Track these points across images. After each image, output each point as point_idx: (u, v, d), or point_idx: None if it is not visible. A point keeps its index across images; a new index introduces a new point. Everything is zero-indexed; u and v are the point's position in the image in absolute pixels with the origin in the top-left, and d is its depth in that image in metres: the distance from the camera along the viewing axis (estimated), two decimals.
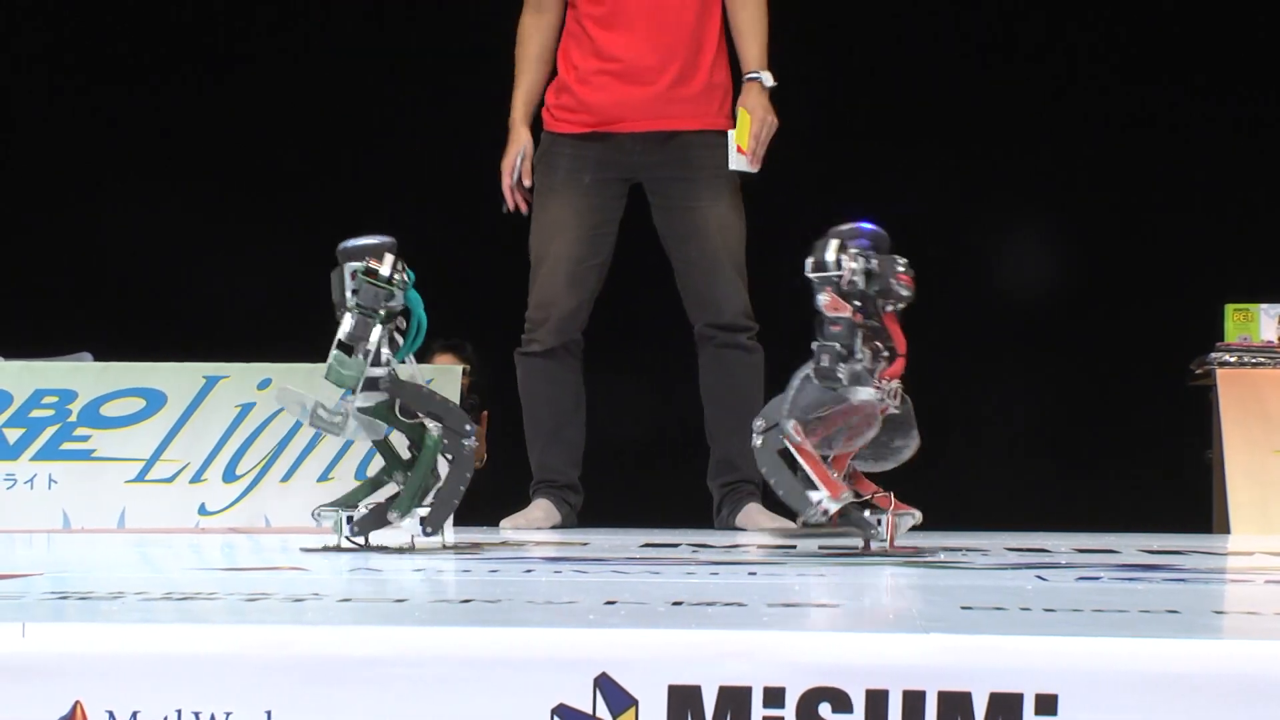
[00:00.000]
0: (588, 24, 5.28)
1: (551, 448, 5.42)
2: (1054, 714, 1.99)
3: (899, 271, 3.69)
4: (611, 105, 5.26)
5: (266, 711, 2.03)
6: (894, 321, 3.72)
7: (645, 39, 5.24)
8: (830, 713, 2.00)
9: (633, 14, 5.23)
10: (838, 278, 3.67)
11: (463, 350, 6.87)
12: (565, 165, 5.32)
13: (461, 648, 2.07)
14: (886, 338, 3.71)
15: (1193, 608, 2.65)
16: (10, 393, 5.96)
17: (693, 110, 5.25)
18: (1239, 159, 7.24)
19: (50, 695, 2.03)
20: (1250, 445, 5.93)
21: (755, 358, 5.31)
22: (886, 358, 3.70)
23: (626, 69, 5.25)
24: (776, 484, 3.64)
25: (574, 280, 5.31)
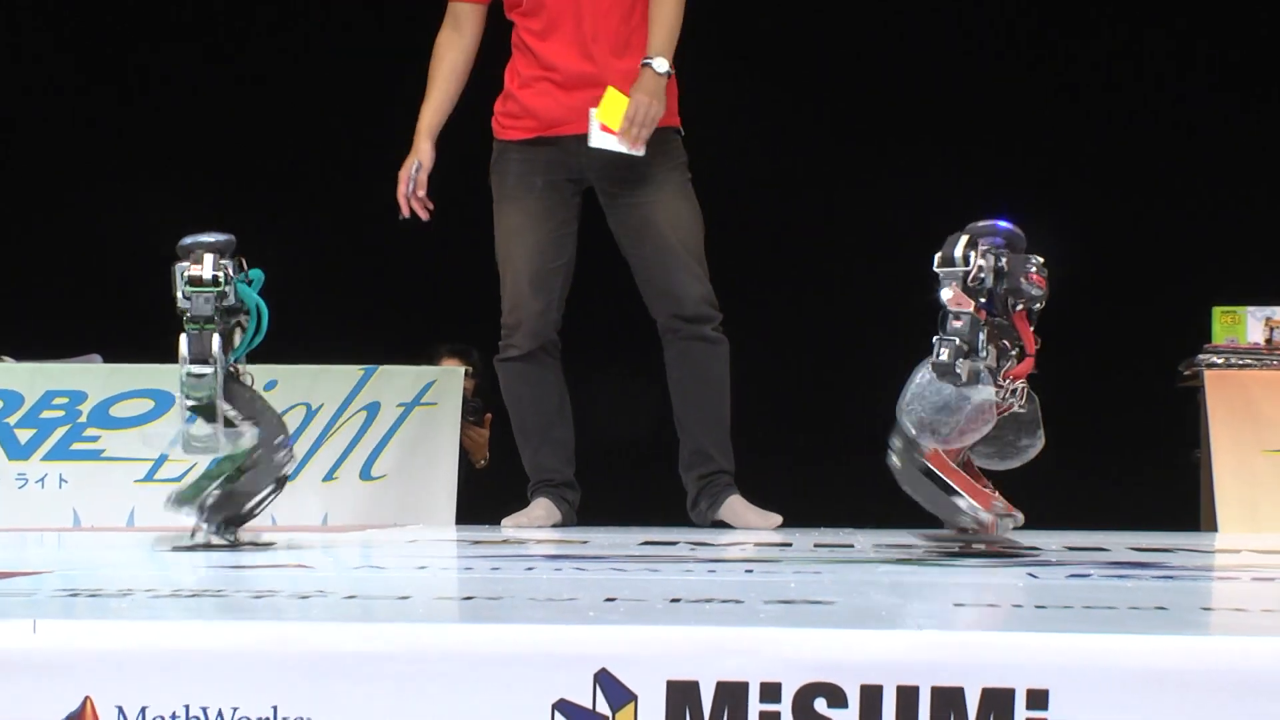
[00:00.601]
0: (526, 36, 5.32)
1: (543, 448, 5.42)
2: (1045, 709, 1.99)
3: (1030, 271, 3.64)
4: (553, 109, 5.27)
5: (273, 706, 2.03)
6: (1023, 321, 3.68)
7: (578, 46, 5.25)
8: (826, 708, 2.00)
9: (565, 24, 5.25)
10: (964, 273, 3.60)
11: (468, 355, 6.88)
12: (515, 170, 5.35)
13: (464, 644, 2.07)
14: (1015, 336, 3.67)
15: (1181, 605, 2.65)
16: (21, 394, 5.96)
17: None
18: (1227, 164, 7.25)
19: (61, 691, 2.03)
20: (1237, 445, 5.93)
21: (721, 348, 5.31)
22: (1015, 356, 3.66)
23: (565, 77, 5.26)
24: (924, 500, 3.59)
25: (538, 284, 5.32)
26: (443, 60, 5.44)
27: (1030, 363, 3.68)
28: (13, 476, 5.94)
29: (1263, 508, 5.86)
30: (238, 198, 7.25)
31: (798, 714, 2.00)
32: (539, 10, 5.28)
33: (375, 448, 5.92)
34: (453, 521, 5.92)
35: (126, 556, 4.02)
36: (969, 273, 3.60)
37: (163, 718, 2.03)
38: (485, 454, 7.02)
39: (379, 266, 7.54)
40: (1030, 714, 1.99)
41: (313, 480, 5.89)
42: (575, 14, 5.24)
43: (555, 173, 5.31)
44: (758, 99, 7.22)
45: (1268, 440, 5.94)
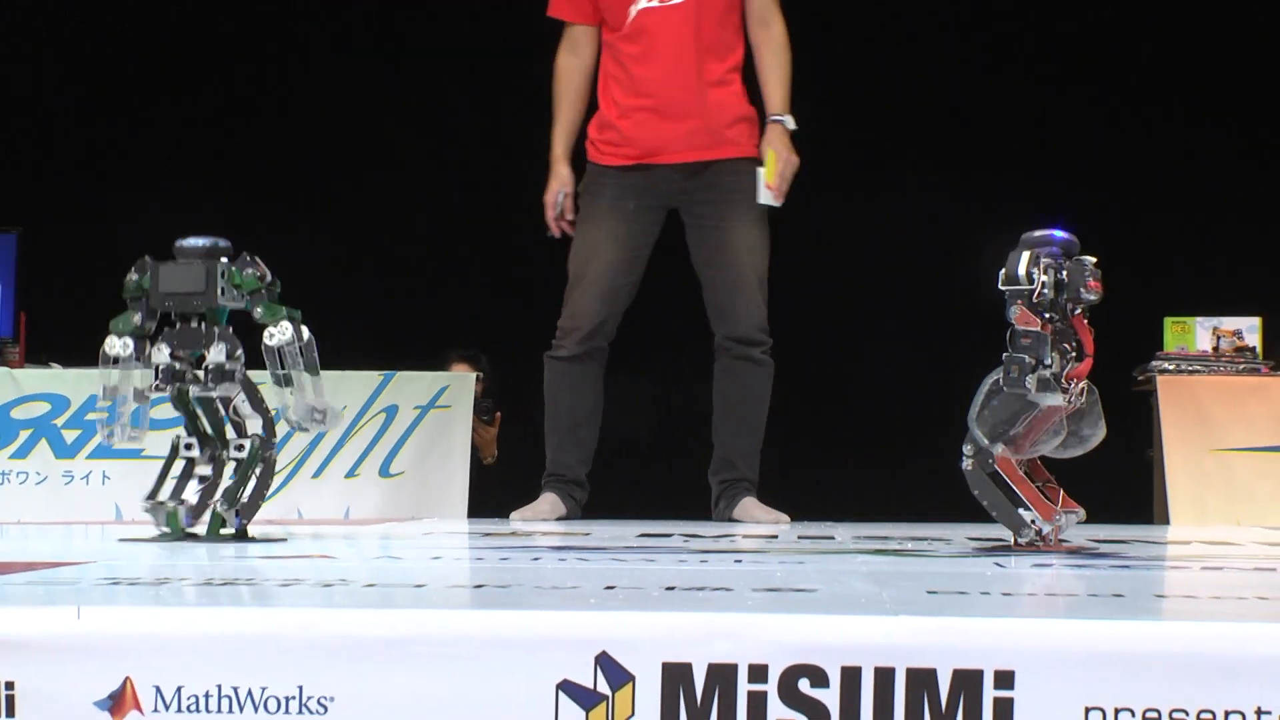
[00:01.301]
0: (626, 61, 5.25)
1: (566, 445, 5.40)
2: (1011, 688, 1.99)
3: (1089, 280, 3.60)
4: (651, 139, 5.25)
5: (299, 686, 2.02)
6: (1081, 322, 3.62)
7: (677, 74, 5.21)
8: (809, 688, 1.99)
9: (664, 50, 5.21)
10: (1030, 291, 3.55)
11: (478, 360, 6.88)
12: (610, 194, 5.30)
13: (475, 628, 2.06)
14: (1074, 338, 3.61)
15: (1136, 592, 2.64)
16: (68, 397, 5.96)
17: (723, 140, 5.25)
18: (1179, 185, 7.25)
19: (102, 672, 2.03)
20: (1187, 445, 5.94)
21: (765, 370, 5.30)
22: (1074, 358, 3.60)
23: (661, 104, 5.23)
24: (990, 505, 3.53)
25: (607, 298, 5.30)
26: (568, 83, 5.38)
27: (1089, 362, 3.61)
28: (60, 474, 5.93)
29: (1210, 502, 5.87)
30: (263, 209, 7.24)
31: (783, 693, 2.00)
32: (639, 35, 5.23)
33: (393, 447, 5.93)
34: (465, 515, 5.91)
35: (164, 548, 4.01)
36: (1034, 290, 3.55)
37: (196, 697, 2.02)
38: (494, 451, 7.01)
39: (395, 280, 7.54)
40: (997, 693, 1.98)
41: (336, 477, 5.89)
42: (675, 41, 5.21)
43: (647, 197, 5.28)
44: None
45: (1215, 440, 5.95)
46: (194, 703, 2.02)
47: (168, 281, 3.82)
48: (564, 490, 5.37)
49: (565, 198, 5.35)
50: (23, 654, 2.03)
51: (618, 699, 2.00)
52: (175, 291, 3.82)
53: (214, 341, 3.82)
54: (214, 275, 3.81)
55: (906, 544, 3.95)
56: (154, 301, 3.83)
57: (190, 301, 3.81)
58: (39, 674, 2.02)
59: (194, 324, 3.84)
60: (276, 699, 2.02)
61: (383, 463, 5.89)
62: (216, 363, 3.80)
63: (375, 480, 5.94)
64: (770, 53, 5.25)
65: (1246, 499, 5.87)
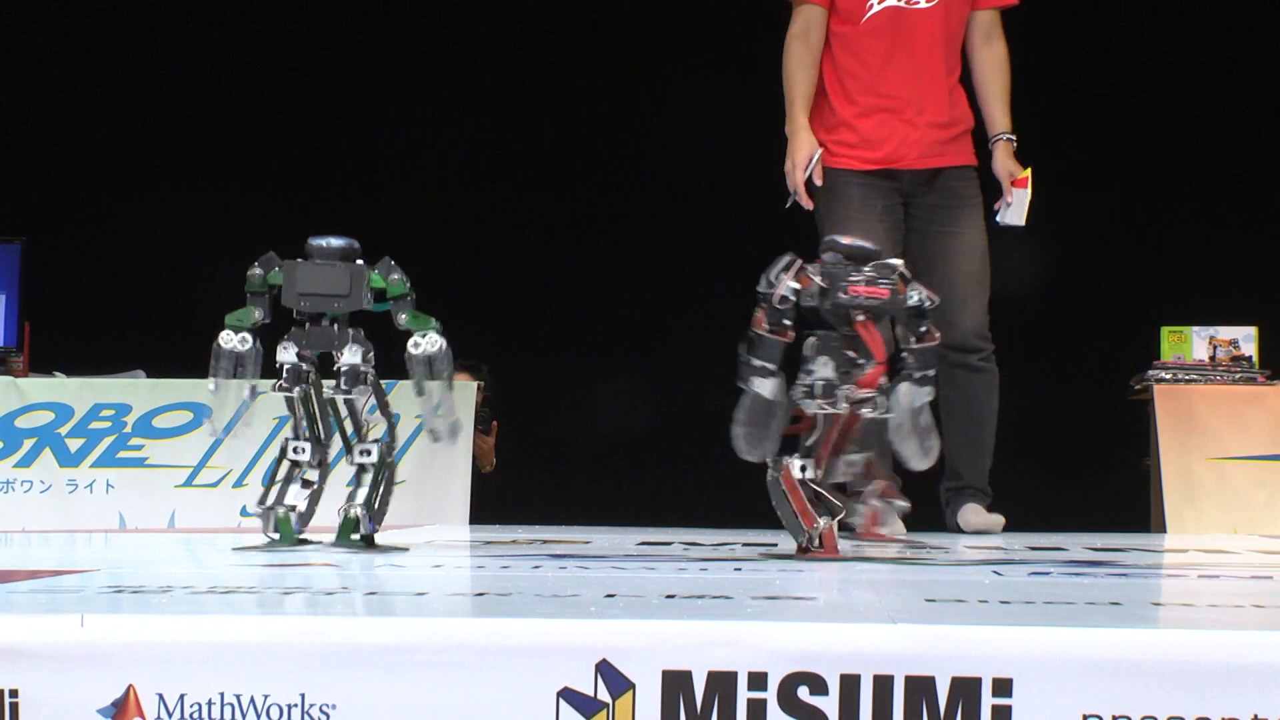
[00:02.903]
0: (868, 58, 5.22)
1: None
2: (1009, 696, 1.99)
3: (852, 284, 3.54)
4: (894, 143, 5.24)
5: (300, 694, 2.02)
6: (866, 329, 3.56)
7: (926, 80, 5.22)
8: (808, 695, 1.99)
9: (914, 54, 5.20)
10: (767, 295, 3.54)
11: (478, 370, 6.88)
12: (859, 195, 5.25)
13: (476, 636, 2.06)
14: (862, 346, 3.58)
15: (1133, 600, 2.64)
16: (72, 406, 5.96)
17: (957, 149, 5.27)
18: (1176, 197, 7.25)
19: (106, 680, 2.03)
20: (1184, 454, 5.94)
21: (984, 377, 5.29)
22: (862, 365, 3.57)
23: (906, 107, 5.22)
24: (780, 513, 3.56)
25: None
26: (802, 62, 5.27)
27: (880, 369, 3.55)
28: (64, 482, 5.93)
29: (1207, 511, 5.86)
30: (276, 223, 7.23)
31: (782, 701, 2.00)
32: (883, 32, 5.21)
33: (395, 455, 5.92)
34: (466, 522, 5.91)
35: (167, 555, 4.01)
36: (772, 295, 3.53)
37: (199, 704, 2.02)
38: (491, 460, 7.02)
39: None
40: (996, 701, 1.98)
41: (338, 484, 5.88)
42: (926, 43, 5.20)
43: (891, 198, 5.27)
44: None
45: (1211, 449, 5.94)
46: (197, 710, 2.02)
47: (307, 281, 3.71)
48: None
49: (817, 161, 5.24)
50: (27, 662, 2.03)
51: (618, 706, 2.00)
52: (315, 292, 3.72)
53: (347, 343, 3.75)
54: (358, 278, 3.75)
55: (904, 552, 3.95)
56: (286, 300, 3.71)
57: (330, 303, 3.72)
58: (43, 682, 2.02)
59: (324, 324, 3.76)
60: (279, 706, 2.02)
61: None
62: (351, 364, 3.75)
63: None
64: (995, 69, 5.27)
65: (1243, 507, 5.86)
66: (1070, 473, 7.15)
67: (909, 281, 3.60)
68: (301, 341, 3.75)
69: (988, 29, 5.27)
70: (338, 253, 3.74)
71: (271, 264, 3.74)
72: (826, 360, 3.54)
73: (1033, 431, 5.50)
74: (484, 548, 4.18)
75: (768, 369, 3.53)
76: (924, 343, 3.64)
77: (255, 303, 3.74)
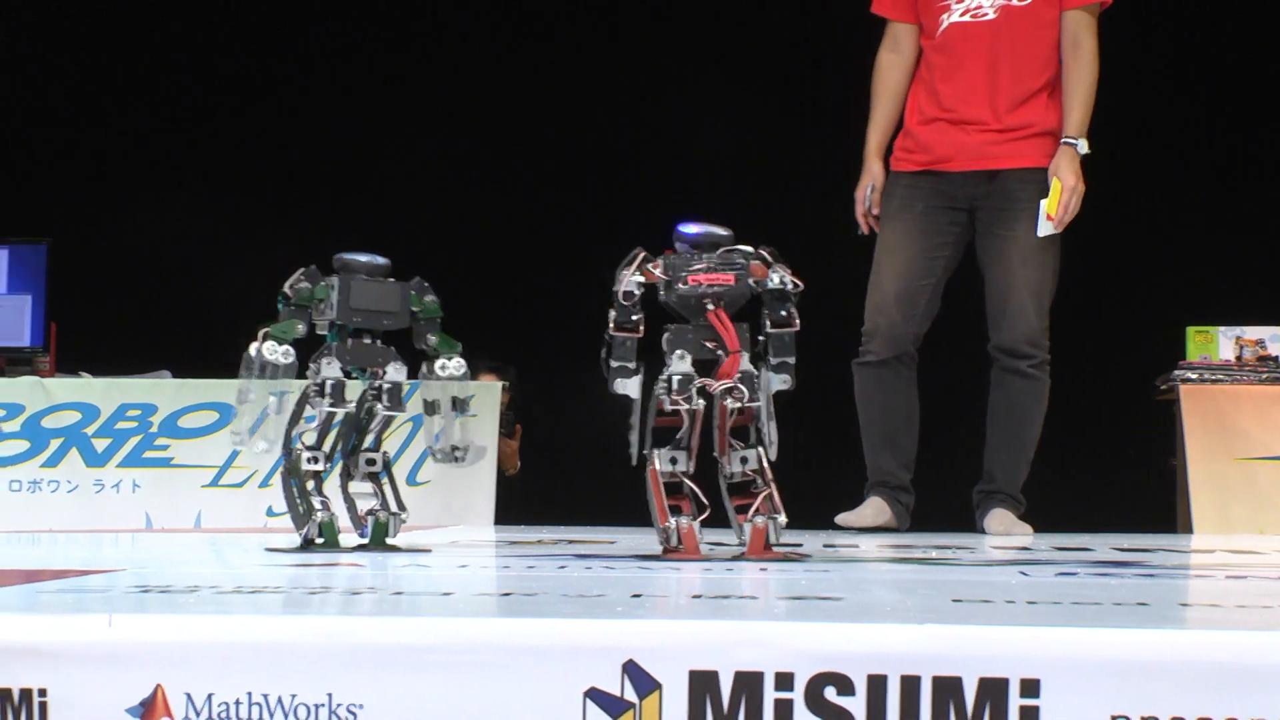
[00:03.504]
0: (936, 73, 5.26)
1: (884, 451, 5.35)
2: (1037, 696, 1.98)
3: (691, 273, 3.44)
4: (943, 147, 5.26)
5: (328, 694, 2.02)
6: (717, 318, 3.45)
7: (981, 94, 5.22)
8: (835, 696, 1.99)
9: (970, 69, 5.21)
10: (615, 291, 3.51)
11: (504, 371, 6.89)
12: (900, 195, 5.32)
13: (503, 636, 2.06)
14: (717, 337, 3.47)
15: (1161, 600, 2.63)
16: (98, 406, 5.99)
17: (1015, 151, 5.25)
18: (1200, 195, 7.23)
19: (134, 679, 2.03)
20: (1210, 454, 5.92)
21: (1033, 384, 5.26)
22: (722, 355, 3.44)
23: (961, 118, 5.24)
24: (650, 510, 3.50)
25: (903, 298, 5.27)
26: (884, 80, 5.35)
27: (735, 359, 3.42)
28: (90, 482, 5.95)
29: (1234, 511, 5.85)
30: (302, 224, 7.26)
31: (809, 702, 1.99)
32: (947, 48, 5.24)
33: (421, 455, 5.93)
34: (491, 523, 5.91)
35: (194, 555, 4.02)
36: (616, 291, 3.50)
37: (227, 704, 2.02)
38: (515, 462, 7.03)
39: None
40: (1023, 702, 1.98)
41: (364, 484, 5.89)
42: (977, 56, 5.22)
43: (936, 199, 5.28)
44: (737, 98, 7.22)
45: (1238, 449, 5.93)
46: (224, 710, 2.02)
47: (360, 297, 3.71)
48: (890, 495, 5.33)
49: (874, 192, 5.32)
50: (55, 662, 2.03)
51: (645, 706, 2.00)
52: (368, 308, 3.71)
53: (390, 360, 3.77)
54: (405, 297, 3.76)
55: (931, 552, 3.95)
56: (339, 315, 3.69)
57: (380, 319, 3.73)
58: (71, 681, 2.03)
59: (368, 341, 3.75)
60: (306, 706, 2.02)
61: (410, 471, 5.89)
62: (395, 382, 3.76)
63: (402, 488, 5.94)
64: (1074, 74, 5.20)
65: (1270, 508, 5.85)
66: (1096, 473, 7.14)
67: (772, 265, 3.47)
68: (345, 357, 3.74)
69: (1074, 32, 5.21)
70: (385, 270, 3.75)
71: (318, 278, 3.73)
72: (682, 354, 3.45)
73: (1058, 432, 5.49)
74: (509, 548, 4.18)
75: (627, 368, 3.48)
76: (782, 327, 3.48)
77: (298, 315, 3.73)
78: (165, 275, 7.43)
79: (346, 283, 3.70)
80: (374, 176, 7.56)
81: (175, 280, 7.41)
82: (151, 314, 7.41)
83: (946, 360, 5.59)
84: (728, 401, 3.43)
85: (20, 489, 5.95)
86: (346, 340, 3.73)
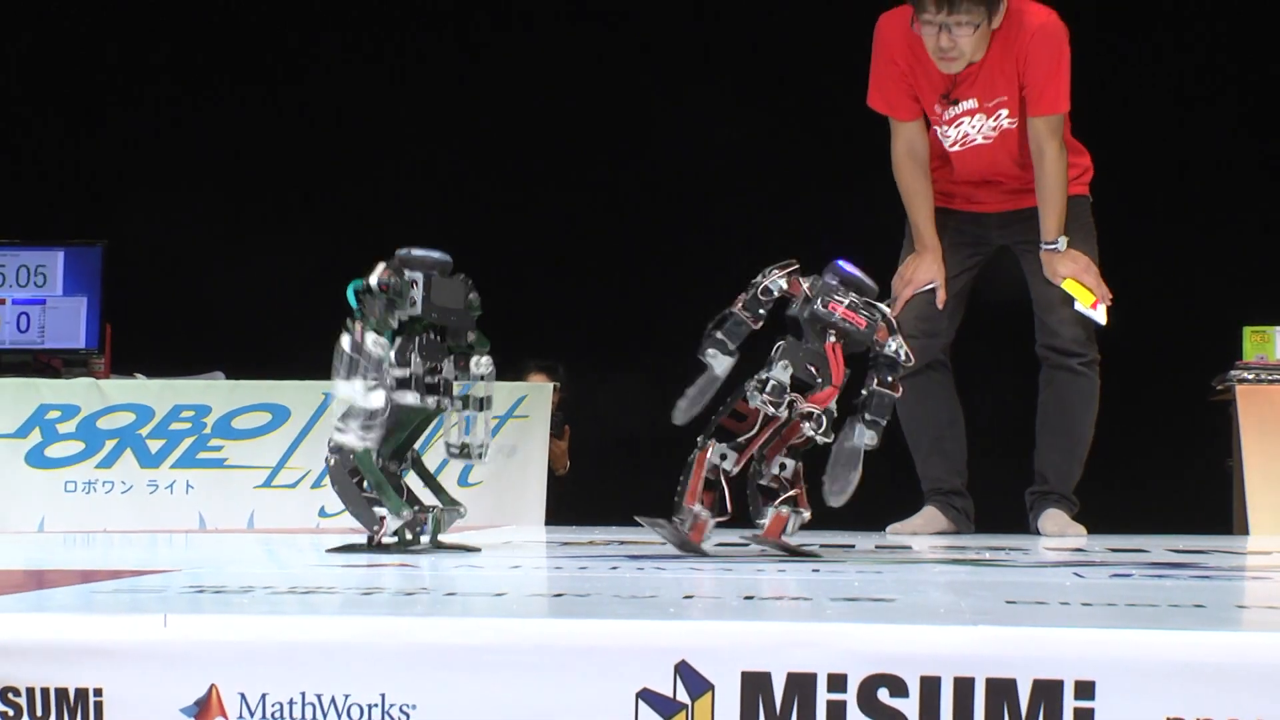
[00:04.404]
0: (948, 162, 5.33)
1: (932, 458, 5.39)
2: (1092, 698, 1.97)
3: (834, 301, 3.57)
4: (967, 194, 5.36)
5: (381, 694, 2.03)
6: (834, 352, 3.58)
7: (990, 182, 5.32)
8: (888, 697, 1.99)
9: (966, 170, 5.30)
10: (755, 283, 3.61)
11: (555, 370, 6.91)
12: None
13: (555, 637, 2.07)
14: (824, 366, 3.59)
15: (1217, 602, 2.62)
16: (152, 408, 6.03)
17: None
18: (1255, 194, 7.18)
19: (189, 679, 2.04)
20: (1267, 454, 5.89)
21: (1083, 381, 5.29)
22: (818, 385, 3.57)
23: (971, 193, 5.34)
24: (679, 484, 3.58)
25: (923, 316, 5.31)
26: (915, 174, 5.33)
27: (832, 392, 3.54)
28: (145, 483, 5.99)
29: None
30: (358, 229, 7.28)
31: (862, 703, 1.99)
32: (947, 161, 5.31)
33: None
34: (542, 523, 5.92)
35: (248, 555, 4.04)
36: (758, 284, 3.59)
37: (281, 704, 2.03)
38: (565, 463, 7.04)
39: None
40: (1078, 704, 1.97)
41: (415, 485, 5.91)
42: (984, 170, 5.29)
43: (961, 236, 5.35)
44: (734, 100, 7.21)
45: None
46: (278, 710, 2.03)
47: (440, 294, 3.74)
48: (943, 501, 5.36)
49: (936, 289, 5.34)
50: (111, 661, 2.05)
51: (697, 707, 2.00)
52: (445, 305, 3.75)
53: (446, 356, 3.81)
54: (468, 294, 3.82)
55: (984, 553, 3.93)
56: (423, 311, 3.71)
57: (450, 316, 3.77)
58: (127, 681, 2.04)
59: (434, 338, 3.78)
60: (359, 706, 2.03)
61: (462, 472, 5.90)
62: (448, 379, 3.81)
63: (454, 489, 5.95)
64: (1041, 181, 5.19)
65: None
66: (1152, 474, 7.10)
67: (894, 333, 3.61)
68: (424, 354, 3.77)
69: (1035, 140, 5.18)
70: (451, 267, 3.78)
71: (401, 272, 3.75)
72: (787, 365, 3.54)
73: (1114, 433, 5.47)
74: (561, 548, 4.19)
75: (726, 345, 3.56)
76: (886, 390, 3.63)
77: (391, 311, 3.74)
78: (219, 277, 7.47)
79: (429, 279, 3.73)
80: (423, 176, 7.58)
81: (229, 282, 7.45)
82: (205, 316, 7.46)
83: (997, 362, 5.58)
84: (806, 424, 3.53)
85: (75, 490, 6.00)
86: (423, 336, 3.76)
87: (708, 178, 7.35)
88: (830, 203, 5.41)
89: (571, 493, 6.78)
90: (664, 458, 5.64)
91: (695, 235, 7.38)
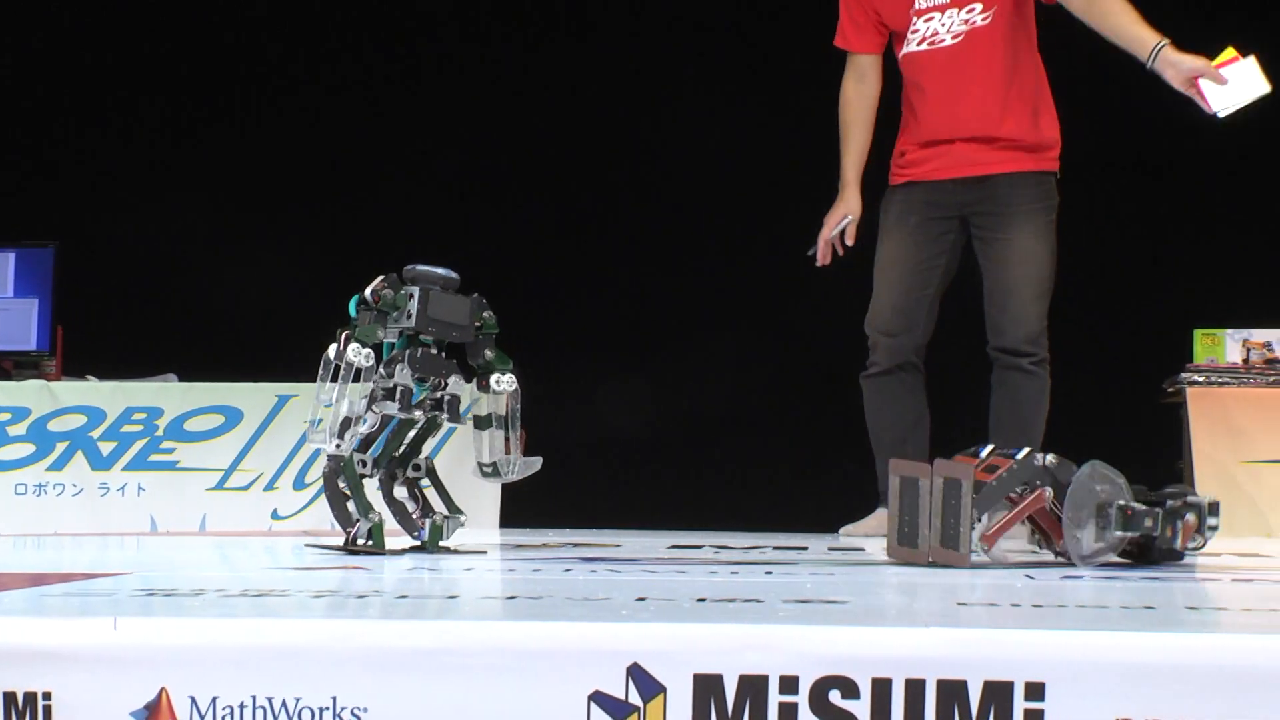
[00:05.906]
0: (911, 97, 5.31)
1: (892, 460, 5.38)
2: (1042, 700, 1.98)
3: None
4: (932, 160, 5.29)
5: (332, 697, 2.02)
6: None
7: (944, 116, 5.25)
8: (840, 699, 1.99)
9: (933, 94, 5.25)
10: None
11: None
12: (895, 210, 5.36)
13: (508, 639, 2.07)
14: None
15: (1167, 604, 2.63)
16: (104, 410, 5.99)
17: (1004, 158, 5.25)
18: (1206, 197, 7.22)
19: (138, 682, 2.03)
20: (1217, 456, 5.92)
21: (1034, 381, 5.26)
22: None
23: (942, 138, 5.27)
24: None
25: (900, 309, 5.30)
26: (855, 111, 5.37)
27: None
28: (96, 485, 5.96)
29: (1240, 514, 5.84)
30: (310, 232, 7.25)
31: (814, 705, 1.99)
32: (912, 74, 5.28)
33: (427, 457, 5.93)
34: (496, 526, 5.91)
35: (199, 559, 4.03)
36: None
37: (231, 707, 2.02)
38: None
39: None
40: (1028, 705, 1.98)
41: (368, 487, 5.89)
42: (942, 82, 5.24)
43: (929, 211, 5.31)
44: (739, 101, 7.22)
45: (1245, 452, 5.92)
46: (229, 713, 2.02)
47: (438, 308, 3.80)
48: None
49: (849, 222, 5.36)
50: (60, 664, 2.04)
51: (649, 710, 2.00)
52: (443, 320, 3.80)
53: (452, 372, 3.87)
54: (473, 311, 3.86)
55: None
56: (418, 324, 3.78)
57: (450, 331, 3.83)
58: (76, 684, 2.03)
59: (435, 352, 3.83)
60: (310, 709, 2.02)
61: None
62: (455, 395, 3.87)
63: None
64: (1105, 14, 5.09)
65: (1277, 511, 5.84)
66: None
67: None
68: (415, 366, 3.80)
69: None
70: (458, 284, 3.85)
71: (398, 285, 3.79)
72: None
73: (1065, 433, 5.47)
74: (514, 551, 4.19)
75: None
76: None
77: (381, 322, 3.78)
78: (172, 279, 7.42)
79: (425, 293, 3.79)
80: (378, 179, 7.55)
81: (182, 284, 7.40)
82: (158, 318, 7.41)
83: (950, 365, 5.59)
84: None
85: (26, 492, 5.96)
86: (417, 349, 3.78)
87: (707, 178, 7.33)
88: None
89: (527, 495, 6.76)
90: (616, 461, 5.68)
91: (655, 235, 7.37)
